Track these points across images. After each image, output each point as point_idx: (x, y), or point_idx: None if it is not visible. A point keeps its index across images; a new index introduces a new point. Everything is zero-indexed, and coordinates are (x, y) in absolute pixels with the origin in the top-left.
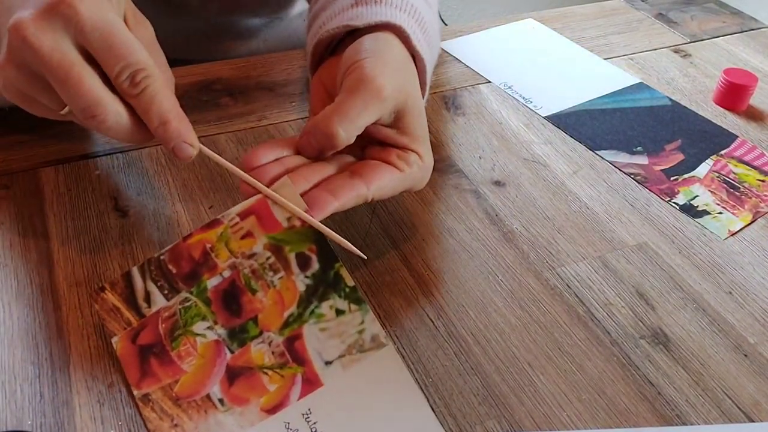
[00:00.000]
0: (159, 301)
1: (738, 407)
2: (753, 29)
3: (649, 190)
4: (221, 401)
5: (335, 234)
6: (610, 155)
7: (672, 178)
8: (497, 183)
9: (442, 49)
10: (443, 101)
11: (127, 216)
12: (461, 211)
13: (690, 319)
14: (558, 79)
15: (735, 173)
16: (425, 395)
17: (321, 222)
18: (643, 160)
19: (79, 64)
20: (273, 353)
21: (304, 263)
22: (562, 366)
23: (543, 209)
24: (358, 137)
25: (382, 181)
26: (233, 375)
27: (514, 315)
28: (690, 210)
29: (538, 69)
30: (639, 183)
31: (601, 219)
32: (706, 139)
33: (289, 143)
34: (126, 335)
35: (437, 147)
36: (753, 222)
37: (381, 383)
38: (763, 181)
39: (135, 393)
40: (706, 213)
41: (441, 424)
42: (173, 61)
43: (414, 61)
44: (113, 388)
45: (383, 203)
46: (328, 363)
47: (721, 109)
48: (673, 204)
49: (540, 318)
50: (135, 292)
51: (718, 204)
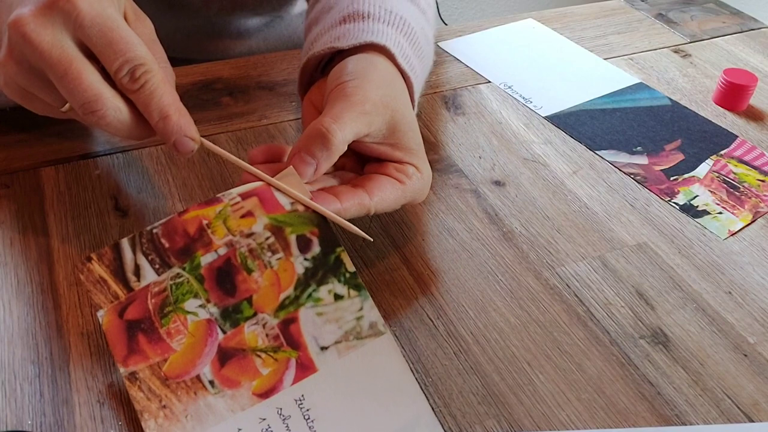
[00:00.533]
0: (149, 276)
1: (737, 407)
2: (753, 29)
3: (649, 190)
4: (212, 383)
5: (340, 218)
6: (610, 155)
7: (672, 178)
8: (497, 183)
9: (442, 49)
10: (443, 101)
11: (128, 215)
12: (461, 211)
13: (689, 319)
14: (558, 79)
15: (735, 173)
16: (424, 393)
17: None
18: (643, 160)
19: (79, 59)
20: (267, 336)
21: (304, 245)
22: (561, 365)
23: (543, 209)
24: (356, 158)
25: (383, 193)
26: (225, 356)
27: (513, 314)
28: (690, 210)
29: (538, 69)
30: (639, 183)
31: (601, 219)
32: (706, 139)
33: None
34: (113, 309)
35: (437, 147)
36: (753, 222)
37: (377, 372)
38: (763, 181)
39: (121, 370)
40: (705, 213)
41: (441, 423)
42: (173, 60)
43: (403, 76)
44: (113, 387)
45: None
46: (323, 348)
47: (721, 109)
48: (673, 204)
49: (539, 317)
50: (124, 264)
51: (717, 204)
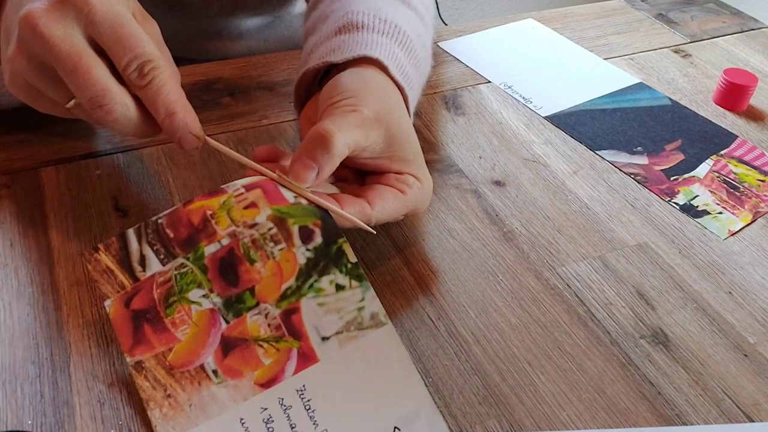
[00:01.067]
0: (154, 266)
1: (738, 407)
2: (753, 29)
3: (649, 190)
4: (215, 373)
5: (344, 212)
6: (610, 155)
7: (672, 178)
8: (497, 183)
9: (442, 49)
10: (443, 101)
11: (128, 215)
12: (461, 211)
13: (690, 319)
14: (558, 79)
15: (735, 173)
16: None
17: None
18: (643, 160)
19: (89, 54)
20: (269, 326)
21: (306, 236)
22: (562, 366)
23: (543, 209)
24: (357, 172)
25: (385, 203)
26: (228, 346)
27: (514, 315)
28: (690, 210)
29: (538, 69)
30: (639, 183)
31: (601, 219)
32: (706, 139)
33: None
34: (119, 299)
35: (437, 147)
36: (753, 222)
37: (378, 362)
38: (763, 181)
39: (128, 360)
40: (706, 213)
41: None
42: (174, 60)
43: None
44: (113, 388)
45: None
46: (324, 339)
47: (721, 109)
48: (673, 204)
49: (540, 318)
50: (130, 254)
51: (718, 204)
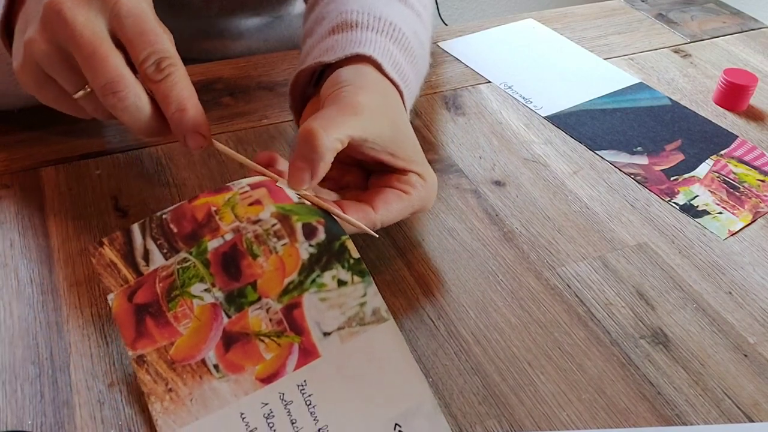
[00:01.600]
0: (157, 260)
1: (737, 407)
2: (753, 29)
3: (649, 190)
4: (216, 367)
5: (347, 216)
6: (610, 155)
7: (672, 178)
8: (497, 183)
9: (442, 49)
10: (443, 101)
11: (128, 215)
12: (461, 211)
13: (690, 319)
14: (558, 79)
15: (735, 173)
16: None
17: None
18: (643, 160)
19: (108, 43)
20: (271, 320)
21: (310, 232)
22: (562, 366)
23: (543, 209)
24: (360, 174)
25: (389, 206)
26: (229, 341)
27: (514, 315)
28: (690, 210)
29: (538, 69)
30: (639, 183)
31: (601, 219)
32: (706, 139)
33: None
34: (122, 293)
35: (437, 147)
36: (753, 222)
37: (380, 358)
38: (763, 181)
39: (130, 354)
40: (706, 213)
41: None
42: None
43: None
44: (113, 388)
45: None
46: (326, 334)
47: (721, 109)
48: (673, 204)
49: (540, 318)
50: (134, 249)
51: (718, 204)
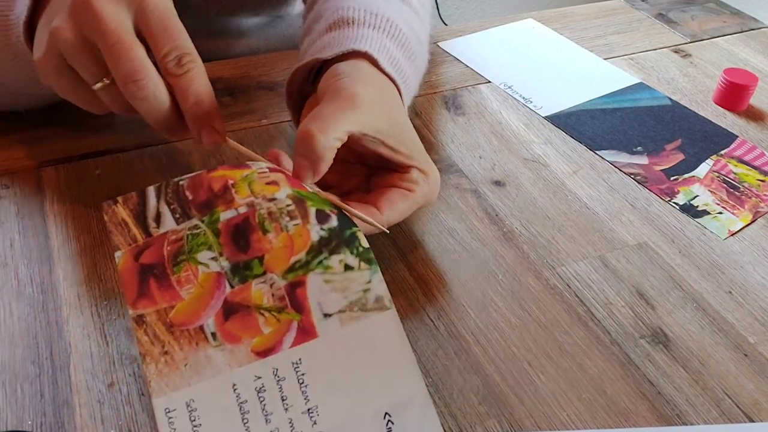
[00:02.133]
0: (168, 224)
1: (738, 407)
2: (753, 29)
3: (649, 190)
4: (214, 335)
5: (359, 213)
6: (610, 155)
7: (672, 178)
8: (497, 183)
9: (442, 49)
10: (443, 101)
11: None
12: (461, 211)
13: (690, 319)
14: (558, 79)
15: (735, 173)
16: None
17: None
18: (643, 160)
19: (132, 34)
20: (273, 296)
21: (323, 217)
22: (562, 365)
23: (543, 209)
24: (363, 178)
25: (394, 204)
26: (229, 310)
27: (514, 314)
28: (690, 210)
29: (538, 69)
30: (639, 183)
31: (601, 219)
32: (706, 139)
33: None
34: (130, 251)
35: (437, 147)
36: (753, 222)
37: (377, 345)
38: (763, 181)
39: (130, 312)
40: (706, 213)
41: (440, 424)
42: None
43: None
44: (113, 388)
45: None
46: (326, 315)
47: (721, 109)
48: (673, 204)
49: (540, 317)
50: (147, 210)
51: (718, 204)
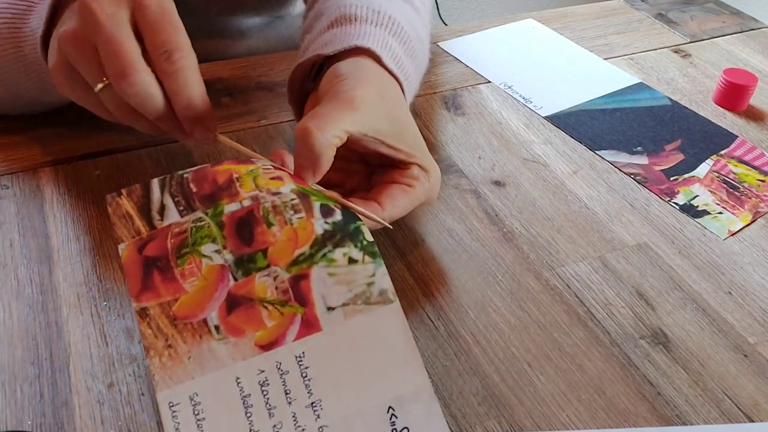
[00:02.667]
0: (172, 216)
1: (737, 407)
2: (753, 29)
3: (649, 190)
4: (217, 328)
5: (362, 209)
6: (610, 155)
7: (672, 178)
8: (497, 183)
9: (442, 49)
10: (443, 101)
11: None
12: (461, 211)
13: (690, 319)
14: (558, 79)
15: (735, 173)
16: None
17: None
18: (643, 160)
19: (127, 31)
20: (277, 288)
21: (327, 212)
22: (561, 366)
23: (543, 209)
24: (363, 176)
25: (395, 200)
26: (233, 303)
27: (513, 315)
28: (690, 210)
29: (538, 69)
30: (639, 183)
31: (601, 219)
32: (706, 139)
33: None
34: (133, 244)
35: (437, 147)
36: (753, 222)
37: (381, 339)
38: (763, 181)
39: (133, 305)
40: (706, 213)
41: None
42: None
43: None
44: (113, 388)
45: None
46: (330, 309)
47: (721, 109)
48: (673, 204)
49: (540, 318)
50: (151, 202)
51: (718, 204)
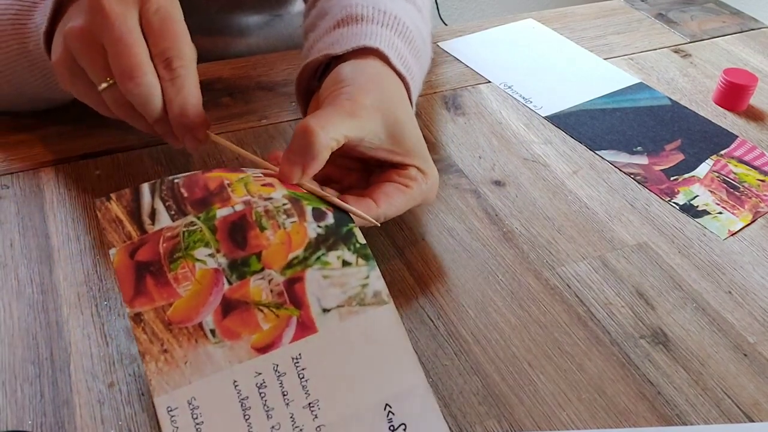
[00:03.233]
0: (164, 221)
1: (737, 407)
2: (753, 29)
3: (649, 190)
4: (213, 332)
5: (353, 208)
6: (610, 155)
7: (672, 178)
8: (497, 183)
9: (442, 49)
10: (443, 101)
11: None
12: (461, 211)
13: (690, 319)
14: (558, 79)
15: (735, 173)
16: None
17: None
18: (643, 160)
19: (136, 33)
20: (271, 291)
21: (319, 215)
22: (561, 366)
23: (543, 209)
24: (360, 175)
25: (391, 199)
26: (228, 307)
27: (514, 315)
28: (690, 210)
29: (538, 69)
30: (639, 183)
31: (601, 219)
32: (706, 139)
33: None
34: (125, 249)
35: (437, 147)
36: (753, 222)
37: (376, 339)
38: (763, 181)
39: (127, 311)
40: (706, 213)
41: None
42: None
43: (399, 77)
44: (113, 388)
45: None
46: (325, 310)
47: (721, 109)
48: (673, 204)
49: (540, 318)
50: (141, 206)
51: (718, 204)
